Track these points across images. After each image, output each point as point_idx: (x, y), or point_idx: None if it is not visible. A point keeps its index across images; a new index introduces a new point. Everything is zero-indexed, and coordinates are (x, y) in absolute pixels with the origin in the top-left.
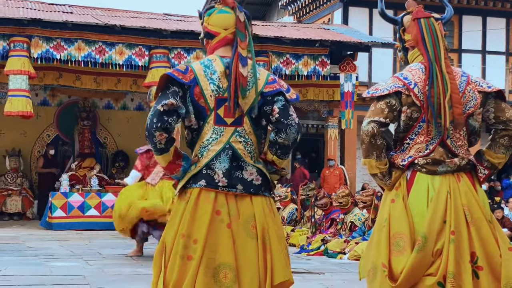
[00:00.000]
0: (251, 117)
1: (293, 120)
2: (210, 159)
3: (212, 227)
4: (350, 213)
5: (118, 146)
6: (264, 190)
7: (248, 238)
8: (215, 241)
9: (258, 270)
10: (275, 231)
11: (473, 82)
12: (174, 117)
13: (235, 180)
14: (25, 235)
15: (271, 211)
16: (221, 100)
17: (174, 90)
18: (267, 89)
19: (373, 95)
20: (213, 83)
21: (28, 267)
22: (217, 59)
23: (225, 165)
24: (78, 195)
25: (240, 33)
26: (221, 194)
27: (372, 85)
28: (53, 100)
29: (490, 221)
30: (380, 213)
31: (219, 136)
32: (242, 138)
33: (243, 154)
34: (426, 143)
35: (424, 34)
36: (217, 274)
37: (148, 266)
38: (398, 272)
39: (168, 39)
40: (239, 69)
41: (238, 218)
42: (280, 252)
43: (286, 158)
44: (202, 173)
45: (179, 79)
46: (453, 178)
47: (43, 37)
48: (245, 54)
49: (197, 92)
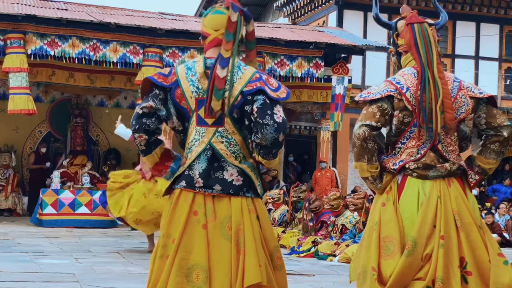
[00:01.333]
0: (233, 117)
1: (271, 119)
2: (192, 160)
3: (188, 227)
4: (341, 215)
5: (110, 144)
6: (246, 191)
7: (222, 239)
8: (190, 241)
9: (230, 272)
10: (253, 232)
11: (465, 88)
12: (153, 119)
13: (213, 180)
14: (15, 231)
15: (253, 211)
16: (201, 101)
17: (155, 93)
18: (247, 88)
19: (365, 99)
20: (192, 85)
21: (18, 264)
22: (201, 60)
23: (203, 166)
24: (69, 192)
25: (228, 34)
26: (199, 194)
27: (365, 88)
28: (46, 96)
29: (480, 227)
30: (370, 217)
31: (201, 137)
32: (224, 138)
33: (225, 154)
34: (418, 148)
35: (417, 39)
36: (190, 274)
37: (138, 264)
38: (387, 276)
39: (163, 38)
40: (216, 70)
41: (214, 219)
42: (254, 254)
43: (271, 159)
44: (184, 174)
45: (159, 82)
46: (443, 183)
47: (37, 33)
48: (226, 56)
49: (179, 94)
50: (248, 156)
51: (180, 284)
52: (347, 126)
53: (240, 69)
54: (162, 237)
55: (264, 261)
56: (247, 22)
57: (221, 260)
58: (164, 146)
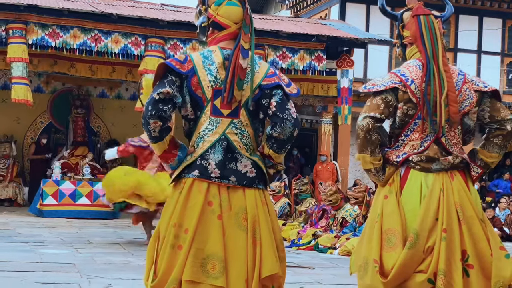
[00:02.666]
0: (248, 109)
1: (289, 114)
2: (205, 150)
3: (203, 217)
4: (341, 208)
5: (111, 135)
6: (258, 183)
7: (238, 230)
8: (205, 232)
9: (246, 263)
10: (267, 224)
11: (469, 81)
12: (169, 105)
13: (228, 171)
14: (16, 221)
15: (264, 203)
16: (217, 91)
17: (171, 79)
18: (266, 82)
19: (369, 90)
20: (210, 74)
21: (18, 254)
22: (217, 50)
23: (219, 156)
24: (69, 183)
25: (246, 26)
26: (213, 185)
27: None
28: (47, 87)
29: (482, 220)
30: (372, 209)
31: (215, 127)
32: (238, 130)
33: (238, 146)
34: (421, 140)
35: (423, 31)
36: (205, 265)
37: (138, 256)
38: (389, 268)
39: (165, 29)
40: (239, 60)
41: (229, 209)
42: (270, 245)
43: (282, 153)
44: (196, 164)
45: (177, 68)
46: (446, 176)
47: (39, 23)
48: (246, 47)
49: (195, 82)
50: (256, 149)
51: (195, 274)
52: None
53: (256, 63)
54: (173, 226)
55: (276, 252)
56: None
57: (237, 251)
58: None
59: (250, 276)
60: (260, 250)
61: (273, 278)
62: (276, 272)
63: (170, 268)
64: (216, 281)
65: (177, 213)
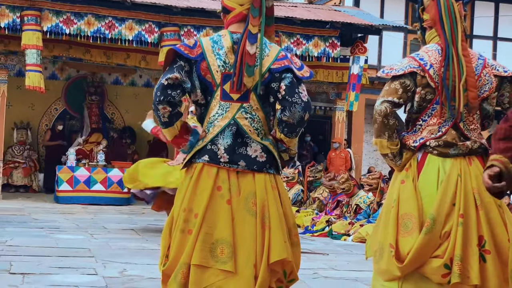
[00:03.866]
0: (258, 93)
1: (299, 98)
2: (215, 134)
3: (212, 202)
4: (355, 195)
5: (125, 122)
6: (269, 168)
7: (247, 215)
8: (214, 217)
9: (255, 248)
10: (277, 209)
11: (489, 66)
12: (178, 91)
13: (238, 156)
14: (31, 207)
15: (275, 188)
16: (227, 75)
17: (180, 65)
18: (275, 66)
19: (387, 75)
20: (219, 59)
21: (34, 239)
22: (227, 34)
23: (228, 141)
24: (84, 170)
25: (254, 9)
26: (223, 169)
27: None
28: (62, 74)
29: (500, 206)
30: (389, 194)
31: (224, 111)
32: (248, 114)
33: (249, 130)
34: (439, 125)
35: (443, 14)
36: (214, 249)
37: (153, 241)
38: (405, 253)
39: (179, 16)
40: (246, 46)
41: (238, 194)
42: (280, 230)
43: (294, 137)
44: (206, 148)
45: (185, 54)
46: (464, 161)
47: (53, 10)
48: (254, 31)
49: (204, 67)
50: (268, 133)
51: (204, 258)
52: (363, 107)
53: (267, 46)
54: (183, 211)
55: (286, 237)
56: None
57: (246, 235)
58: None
59: (259, 261)
60: (269, 235)
61: (283, 263)
62: (285, 257)
63: (179, 253)
64: (224, 266)
65: (187, 198)
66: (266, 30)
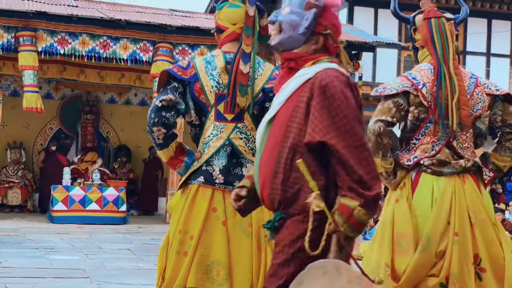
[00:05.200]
0: (252, 113)
1: None
2: (210, 155)
3: (208, 224)
4: None
5: (120, 141)
6: None
7: (243, 236)
8: (209, 238)
9: (251, 269)
10: None
11: (481, 84)
12: (172, 112)
13: (233, 177)
14: (26, 227)
15: None
16: (221, 96)
17: (174, 86)
18: (269, 85)
19: (381, 94)
20: (213, 79)
21: (29, 260)
22: (220, 54)
23: (223, 162)
24: (79, 189)
25: (247, 28)
26: (218, 191)
27: (376, 85)
28: (57, 93)
29: (494, 224)
30: (384, 213)
31: (219, 132)
32: (243, 134)
33: (244, 150)
34: (432, 144)
35: (434, 34)
36: (210, 271)
37: (148, 261)
38: (401, 272)
39: (173, 34)
40: (240, 66)
41: (234, 215)
42: None
43: None
44: (201, 169)
45: (179, 75)
46: (458, 179)
47: (48, 30)
48: (248, 50)
49: (198, 88)
50: None
51: (200, 281)
52: None
53: (260, 66)
54: (178, 233)
55: None
56: (261, 16)
57: (242, 257)
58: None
59: (255, 282)
60: (265, 256)
61: None
62: None
63: (175, 274)
64: None
65: (182, 220)
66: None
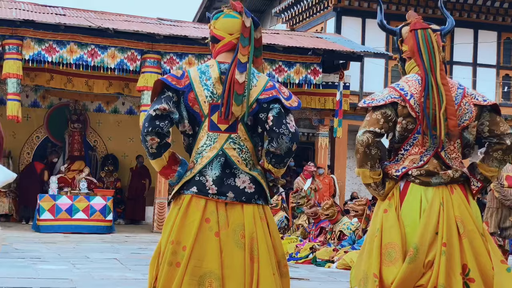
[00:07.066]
0: (246, 123)
1: (286, 129)
2: (203, 165)
3: (200, 234)
4: (338, 222)
5: (107, 150)
6: (257, 198)
7: (236, 247)
8: (202, 249)
9: (244, 280)
10: (265, 240)
11: (469, 95)
12: (166, 122)
13: (226, 187)
14: (12, 237)
15: (264, 219)
16: (215, 106)
17: (168, 95)
18: (263, 96)
19: (369, 105)
20: (207, 89)
21: (15, 270)
22: (214, 64)
23: (216, 172)
24: (66, 198)
25: (243, 39)
26: (211, 201)
27: (363, 94)
28: (44, 102)
29: (483, 234)
30: (372, 223)
31: (213, 142)
32: (236, 145)
33: (237, 161)
34: (421, 155)
35: (420, 45)
36: (203, 283)
37: (136, 271)
38: (389, 282)
39: (161, 43)
40: (235, 75)
41: (227, 226)
42: (268, 262)
43: (282, 167)
44: (194, 180)
45: (173, 84)
46: (446, 190)
47: (35, 38)
48: (244, 61)
49: (192, 97)
50: (256, 163)
51: None
52: (345, 132)
53: (255, 76)
54: (170, 243)
55: (275, 269)
56: (255, 28)
57: (235, 268)
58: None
59: None
60: (257, 267)
61: None
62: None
63: (168, 286)
64: None
65: (175, 230)
66: (254, 61)
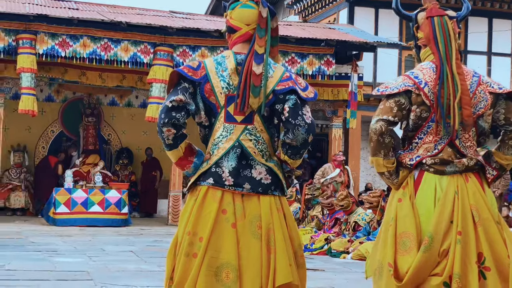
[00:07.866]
0: (262, 115)
1: (303, 120)
2: (219, 157)
3: (217, 226)
4: (353, 213)
5: (122, 143)
6: (274, 190)
7: (252, 238)
8: (219, 240)
9: (260, 271)
10: (282, 231)
11: (484, 83)
12: (182, 113)
13: (242, 179)
14: (28, 230)
15: (280, 210)
16: (231, 97)
17: (184, 87)
18: (280, 87)
19: (382, 93)
20: (223, 80)
21: (32, 263)
22: (231, 55)
23: (232, 164)
24: (81, 191)
25: (260, 30)
26: (227, 193)
27: (377, 85)
28: (58, 96)
29: (498, 222)
30: (387, 213)
31: (229, 133)
32: (252, 136)
33: (253, 152)
34: (435, 143)
35: (437, 33)
36: (219, 273)
37: (151, 263)
38: (403, 271)
39: (174, 36)
40: (252, 67)
41: (243, 217)
42: (285, 253)
43: (298, 159)
44: (211, 171)
45: (189, 75)
46: (461, 178)
47: (49, 33)
48: (261, 52)
49: (208, 89)
50: (273, 154)
51: (209, 283)
52: (359, 124)
53: (271, 67)
54: (187, 234)
55: (292, 260)
56: (272, 18)
57: (251, 259)
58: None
59: (265, 285)
60: (274, 258)
61: (289, 286)
62: (290, 280)
63: (185, 277)
64: None
65: (191, 221)
66: (270, 50)
